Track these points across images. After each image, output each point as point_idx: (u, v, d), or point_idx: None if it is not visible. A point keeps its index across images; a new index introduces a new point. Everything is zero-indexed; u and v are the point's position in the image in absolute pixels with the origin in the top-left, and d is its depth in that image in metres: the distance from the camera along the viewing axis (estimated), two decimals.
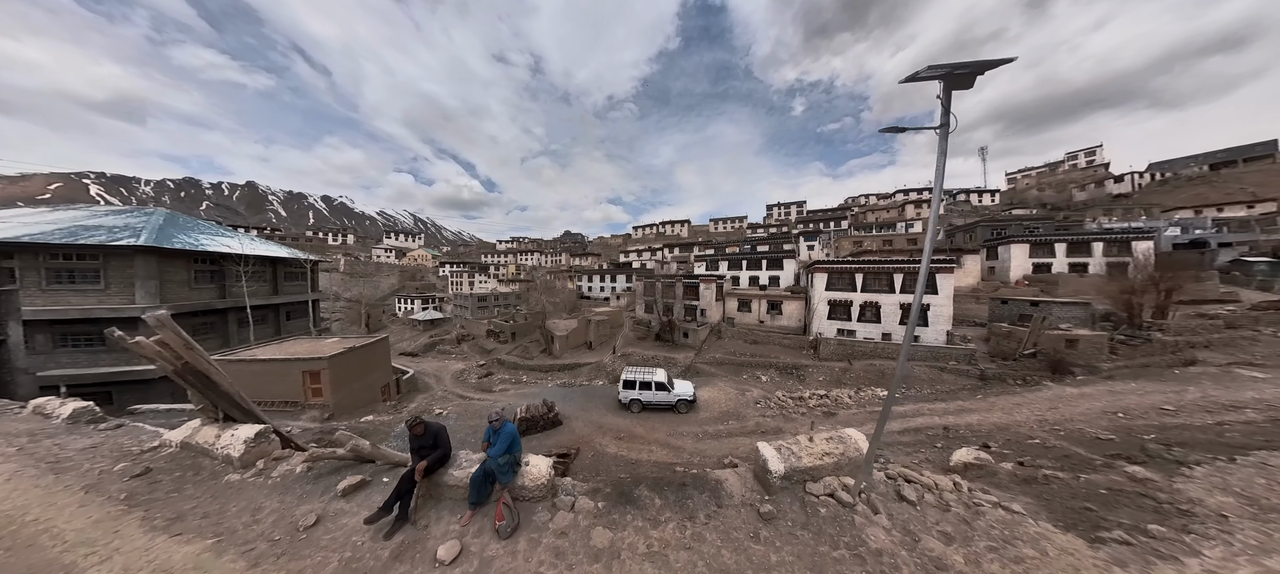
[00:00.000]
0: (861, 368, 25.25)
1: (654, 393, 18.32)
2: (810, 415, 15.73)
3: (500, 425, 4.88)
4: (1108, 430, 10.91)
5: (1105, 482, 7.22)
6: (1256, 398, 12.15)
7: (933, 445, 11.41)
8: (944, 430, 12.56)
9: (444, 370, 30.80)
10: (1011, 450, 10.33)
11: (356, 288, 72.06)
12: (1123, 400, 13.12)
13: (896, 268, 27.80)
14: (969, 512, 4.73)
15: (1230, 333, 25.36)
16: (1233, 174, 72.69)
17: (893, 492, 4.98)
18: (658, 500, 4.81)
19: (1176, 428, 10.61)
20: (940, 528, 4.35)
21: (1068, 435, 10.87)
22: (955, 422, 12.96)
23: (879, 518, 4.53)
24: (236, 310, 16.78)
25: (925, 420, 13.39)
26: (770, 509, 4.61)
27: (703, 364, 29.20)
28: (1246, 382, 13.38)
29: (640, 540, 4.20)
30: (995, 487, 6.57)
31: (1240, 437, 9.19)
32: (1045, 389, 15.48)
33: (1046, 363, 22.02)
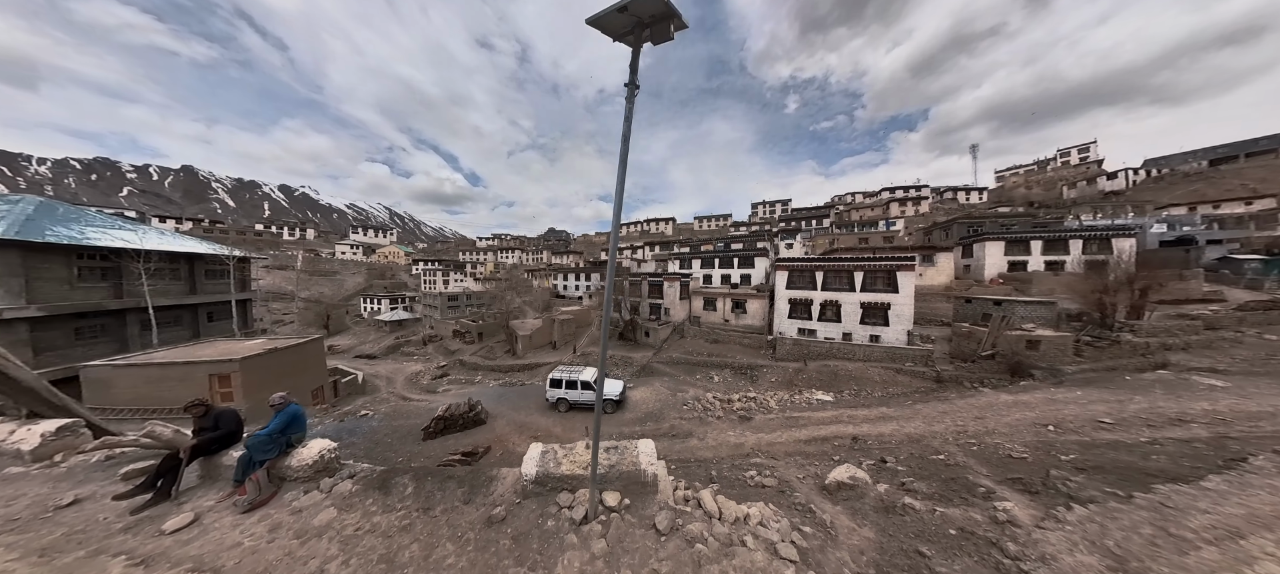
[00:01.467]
0: (815, 369, 23.61)
1: (579, 392, 17.69)
2: (727, 419, 14.22)
3: (281, 407, 5.04)
4: (1025, 447, 9.29)
5: (964, 518, 5.75)
6: (1208, 410, 10.40)
7: (830, 458, 9.86)
8: (852, 441, 10.99)
9: (400, 373, 29.65)
10: (907, 466, 8.82)
11: (317, 287, 66.85)
12: (1061, 410, 11.43)
13: (856, 266, 26.07)
14: (719, 550, 3.83)
15: (1210, 334, 23.25)
16: (1233, 170, 68.92)
17: (653, 515, 4.36)
18: (411, 488, 4.79)
19: (1104, 446, 8.96)
20: (657, 564, 3.66)
21: (978, 452, 9.31)
22: (869, 431, 11.39)
23: (598, 542, 3.91)
24: (138, 311, 15.47)
25: (839, 429, 11.84)
26: (501, 512, 4.35)
27: (659, 363, 27.74)
28: (1202, 391, 11.60)
29: (360, 522, 4.19)
30: (853, 513, 5.79)
31: (1165, 461, 7.57)
32: (979, 396, 13.80)
33: (1005, 365, 20.17)
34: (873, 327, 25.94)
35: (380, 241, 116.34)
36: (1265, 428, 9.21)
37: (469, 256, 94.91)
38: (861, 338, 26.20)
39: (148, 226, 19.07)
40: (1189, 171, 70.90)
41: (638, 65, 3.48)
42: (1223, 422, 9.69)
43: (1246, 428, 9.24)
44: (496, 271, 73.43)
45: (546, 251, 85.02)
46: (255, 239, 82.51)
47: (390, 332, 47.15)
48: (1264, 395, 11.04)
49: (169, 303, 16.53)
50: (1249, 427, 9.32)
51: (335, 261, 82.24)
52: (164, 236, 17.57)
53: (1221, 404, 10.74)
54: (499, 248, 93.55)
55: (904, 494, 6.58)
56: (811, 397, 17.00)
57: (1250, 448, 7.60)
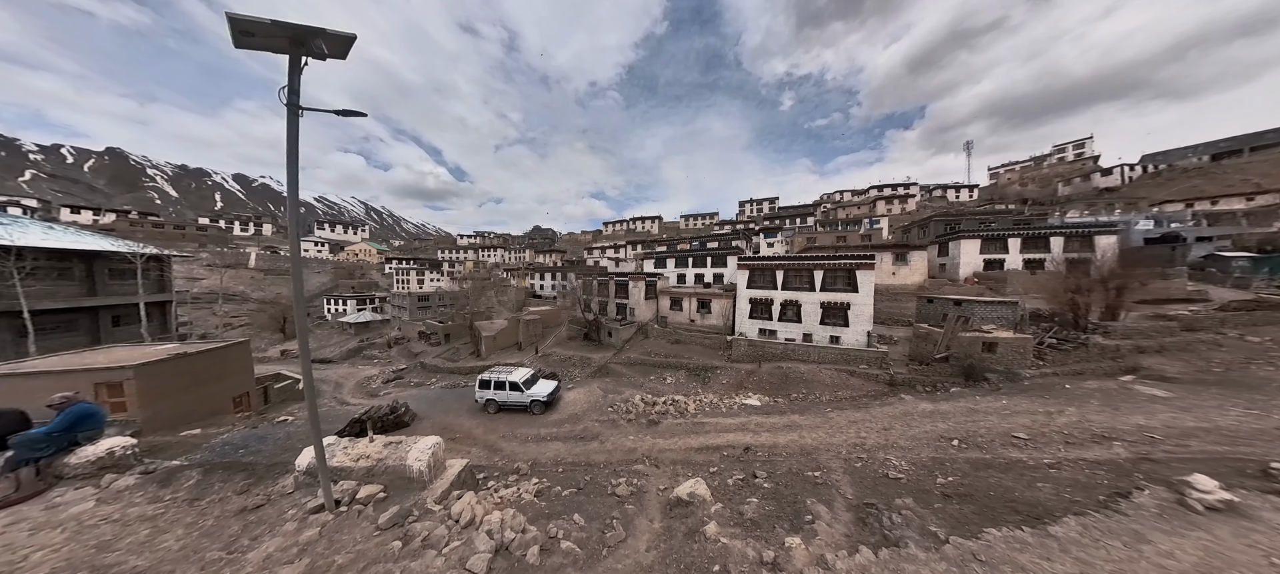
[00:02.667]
0: (768, 371, 22.41)
1: (508, 393, 16.78)
2: (637, 424, 13.17)
3: (63, 407, 5.12)
4: (911, 466, 8.13)
5: (741, 554, 4.71)
6: (1140, 425, 9.13)
7: (707, 468, 8.82)
8: (744, 451, 9.91)
9: (352, 377, 28.82)
10: (775, 483, 7.78)
11: (275, 287, 60.37)
12: (978, 423, 10.18)
13: (816, 264, 24.75)
14: (412, 551, 3.86)
15: (1188, 336, 21.57)
16: (1237, 164, 65.72)
17: (392, 511, 4.49)
18: (193, 480, 4.90)
19: (998, 467, 7.79)
20: (345, 558, 3.70)
21: (861, 468, 8.29)
22: (767, 441, 10.28)
23: (310, 530, 4.07)
24: (12, 316, 13.95)
25: (738, 437, 10.76)
26: (260, 500, 4.56)
27: (617, 364, 26.70)
28: (1142, 402, 10.28)
29: (110, 513, 4.27)
30: (654, 536, 5.17)
31: (1048, 490, 6.43)
32: (899, 403, 12.55)
33: (959, 368, 18.78)
34: (833, 327, 24.64)
35: (350, 238, 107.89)
36: (1192, 447, 7.91)
37: (448, 255, 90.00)
38: (822, 338, 24.91)
39: (32, 221, 17.94)
40: (1188, 167, 67.85)
41: (298, 84, 3.23)
42: (1150, 440, 8.43)
43: (1173, 447, 7.97)
44: (476, 271, 71.07)
45: (529, 250, 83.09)
46: (199, 235, 73.29)
47: (355, 334, 44.92)
48: (1206, 407, 9.68)
49: (58, 306, 15.18)
50: (1175, 446, 8.04)
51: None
52: (51, 232, 16.18)
53: (1157, 418, 9.43)
54: (481, 246, 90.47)
55: (732, 520, 5.53)
56: (741, 401, 15.79)
57: (1156, 474, 6.39)
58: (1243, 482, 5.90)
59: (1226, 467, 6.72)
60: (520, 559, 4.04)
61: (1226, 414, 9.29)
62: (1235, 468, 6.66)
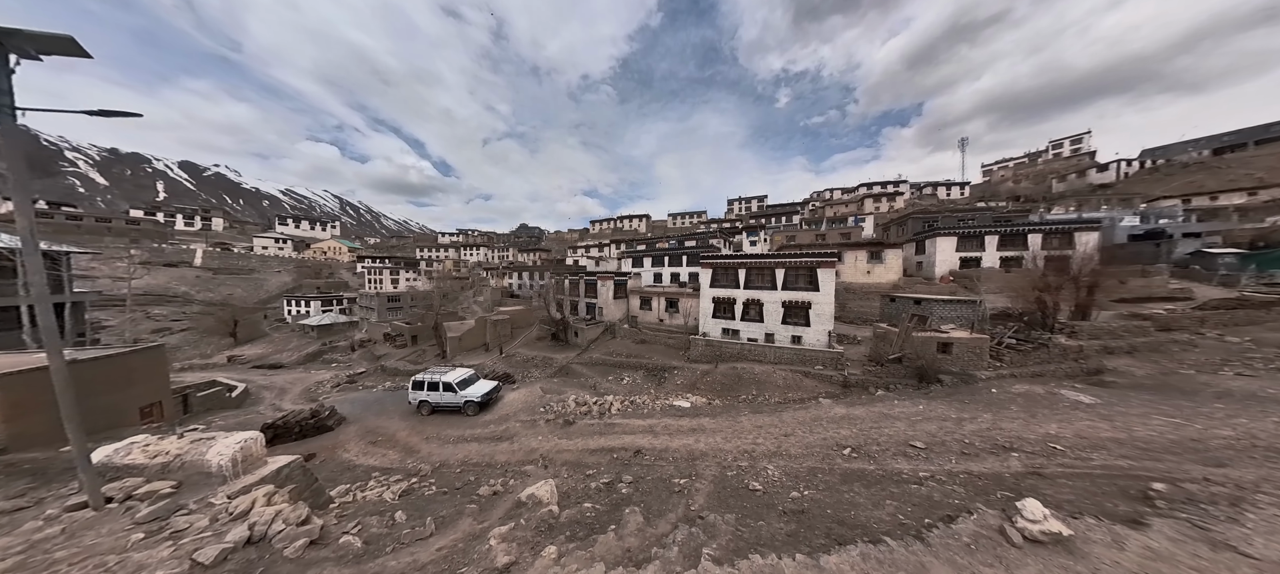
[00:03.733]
0: (724, 371, 21.70)
1: (441, 395, 16.41)
2: (554, 424, 12.64)
3: None
4: (779, 475, 7.56)
5: None
6: (1049, 435, 8.40)
7: (585, 470, 8.32)
8: (634, 454, 9.37)
9: (301, 383, 27.76)
10: (641, 490, 7.36)
11: (227, 287, 55.00)
12: (884, 429, 9.50)
13: (778, 263, 23.95)
14: (140, 542, 3.95)
15: (1162, 336, 20.43)
16: (1241, 158, 62.98)
17: (163, 503, 4.74)
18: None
19: (873, 479, 7.22)
20: (104, 539, 3.89)
21: (732, 478, 7.76)
22: (663, 445, 9.73)
23: (56, 527, 4.20)
24: None
25: (634, 440, 10.19)
26: (26, 502, 4.77)
27: (578, 364, 26.16)
28: (1064, 408, 9.46)
29: None
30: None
31: (887, 512, 5.77)
32: (816, 407, 11.78)
33: (912, 369, 17.90)
34: (794, 326, 23.83)
35: (318, 235, 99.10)
36: (1094, 460, 7.17)
37: (426, 253, 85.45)
38: (784, 338, 24.13)
39: None
40: (1188, 162, 65.34)
41: (8, 84, 3.21)
42: (1051, 451, 7.68)
43: (1073, 461, 7.25)
44: (455, 270, 69.56)
45: (513, 248, 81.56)
46: (130, 229, 64.20)
47: (317, 337, 42.11)
48: (1129, 415, 8.86)
49: None
50: (1076, 459, 7.31)
51: (254, 258, 68.46)
52: None
53: (1072, 428, 8.65)
54: (464, 244, 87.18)
55: (541, 526, 5.05)
56: (674, 402, 15.13)
57: (1015, 494, 5.70)
58: (1111, 505, 5.18)
59: (1112, 486, 5.98)
60: (278, 551, 4.09)
61: (1148, 423, 8.46)
62: (1121, 488, 5.92)
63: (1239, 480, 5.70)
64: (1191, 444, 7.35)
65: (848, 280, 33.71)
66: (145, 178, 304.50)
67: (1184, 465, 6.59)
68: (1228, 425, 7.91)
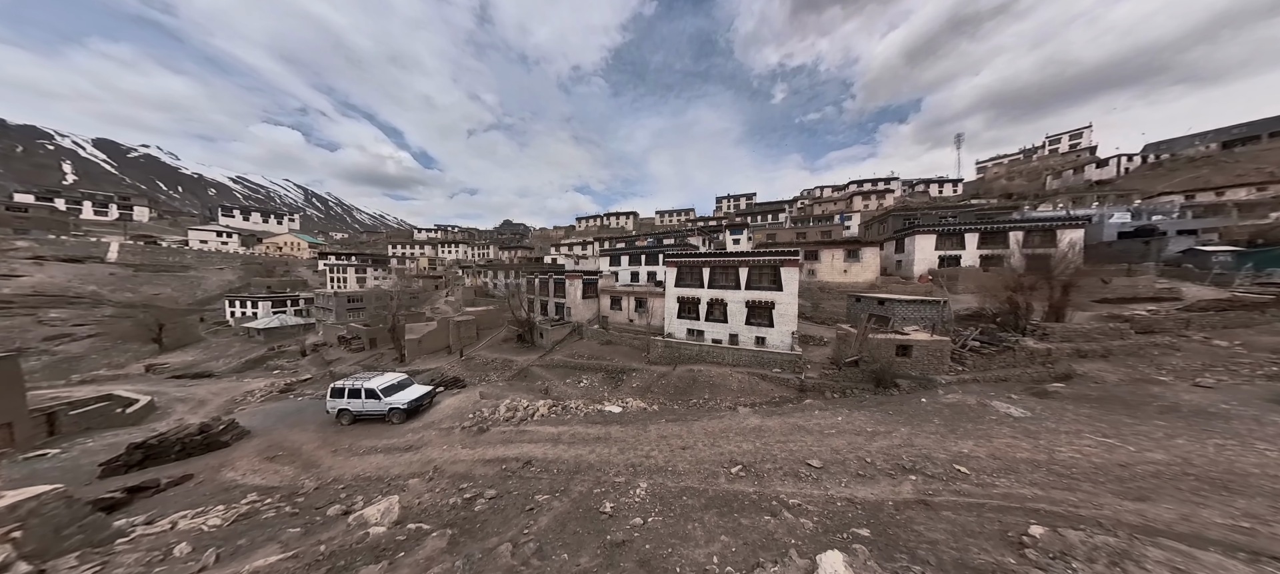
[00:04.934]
0: (680, 374, 20.73)
1: (364, 402, 15.43)
2: (468, 432, 11.76)
3: None
4: (645, 500, 6.64)
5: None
6: (956, 455, 7.43)
7: (459, 484, 7.46)
8: (524, 465, 8.57)
9: (229, 392, 25.62)
10: (491, 505, 6.56)
11: (154, 286, 48.42)
12: (793, 442, 8.64)
13: (742, 262, 22.87)
14: None
15: (1142, 339, 19.03)
16: (1251, 152, 60.24)
17: None
18: None
19: (743, 507, 6.30)
20: None
21: (588, 499, 6.95)
22: (559, 454, 8.94)
23: None
24: None
25: (535, 449, 9.35)
26: None
27: (538, 367, 25.29)
28: (990, 422, 8.40)
29: None
30: None
31: (704, 554, 4.74)
32: (725, 417, 10.75)
33: (869, 373, 16.75)
34: (758, 327, 22.79)
35: (272, 228, 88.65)
36: (996, 488, 6.21)
37: (400, 250, 79.12)
38: (748, 339, 23.10)
39: None
40: (1195, 156, 62.74)
41: None
42: (955, 475, 6.73)
43: (970, 487, 6.31)
44: (431, 268, 67.01)
45: (494, 246, 78.86)
46: (14, 217, 53.40)
47: (264, 341, 38.48)
48: (1058, 434, 7.81)
49: None
50: (975, 486, 6.39)
51: (189, 253, 59.77)
52: None
53: (990, 446, 7.62)
54: (442, 241, 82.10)
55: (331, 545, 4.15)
56: (606, 407, 14.13)
57: (898, 521, 4.74)
58: (974, 553, 4.17)
59: (996, 525, 5.03)
60: None
61: (1076, 443, 7.38)
62: (1003, 529, 5.00)
63: (1145, 523, 4.63)
64: (1117, 470, 6.27)
65: (825, 279, 32.54)
66: (46, 157, 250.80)
67: (1098, 498, 5.54)
68: (1163, 447, 6.79)
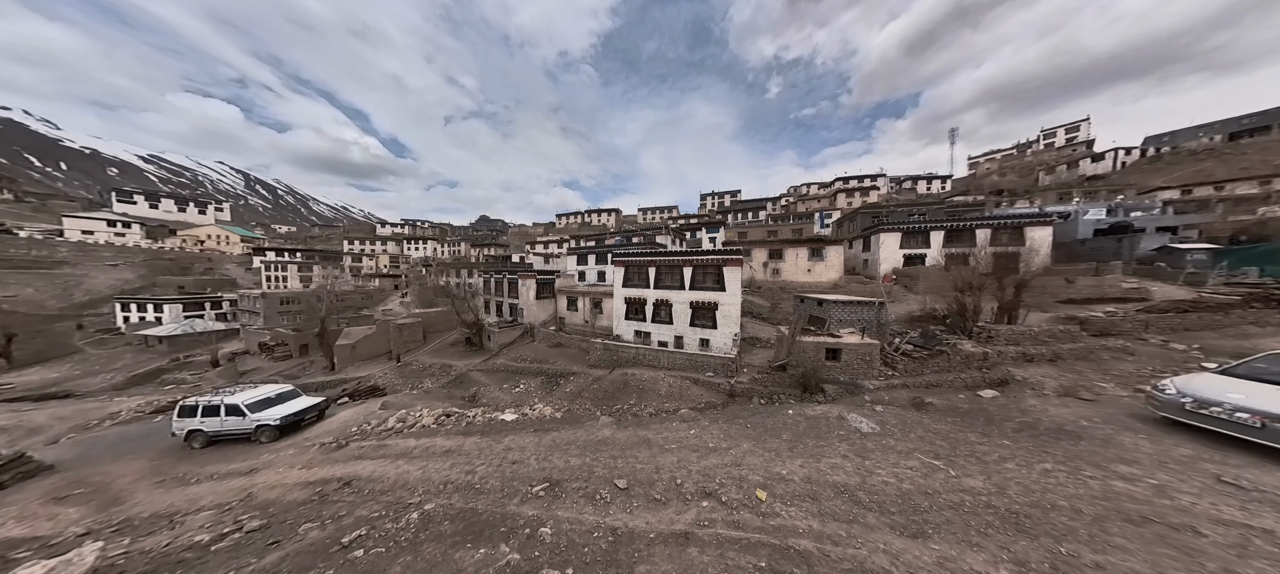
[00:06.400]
0: (613, 378, 20.24)
1: (223, 420, 13.74)
2: (326, 449, 11.28)
3: None
4: (398, 528, 6.18)
5: None
6: (771, 478, 7.02)
7: (246, 509, 7.02)
8: (344, 485, 8.14)
9: (82, 416, 21.44)
10: (262, 531, 5.92)
11: (9, 286, 41.96)
12: (623, 458, 8.09)
13: (686, 261, 22.29)
14: None
15: (1095, 342, 18.15)
16: (1259, 143, 58.38)
17: None
18: None
19: (501, 533, 5.78)
20: None
21: (334, 521, 6.43)
22: (391, 472, 8.66)
23: None
24: None
25: (352, 469, 8.97)
26: None
27: (477, 371, 24.82)
28: (835, 438, 7.99)
29: None
30: None
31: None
32: (590, 427, 10.13)
33: (794, 378, 16.12)
34: (702, 329, 22.26)
35: (192, 218, 76.58)
36: (775, 519, 5.68)
37: (358, 246, 72.98)
38: (692, 341, 22.60)
39: None
40: (1197, 149, 60.98)
41: None
42: (746, 504, 6.20)
43: (744, 520, 5.72)
44: (394, 265, 64.24)
45: (465, 243, 75.45)
46: None
47: (166, 351, 33.60)
48: (888, 453, 7.35)
49: None
50: (757, 517, 5.78)
51: (64, 245, 51.23)
52: None
53: (813, 467, 7.34)
54: (409, 237, 77.14)
55: None
56: (501, 416, 13.61)
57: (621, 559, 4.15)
58: None
59: (725, 562, 4.36)
60: None
61: (899, 467, 7.10)
62: (724, 570, 4.33)
63: (887, 567, 4.05)
64: (920, 499, 5.73)
65: (788, 278, 31.85)
66: None
67: (872, 535, 5.06)
68: (988, 472, 6.20)
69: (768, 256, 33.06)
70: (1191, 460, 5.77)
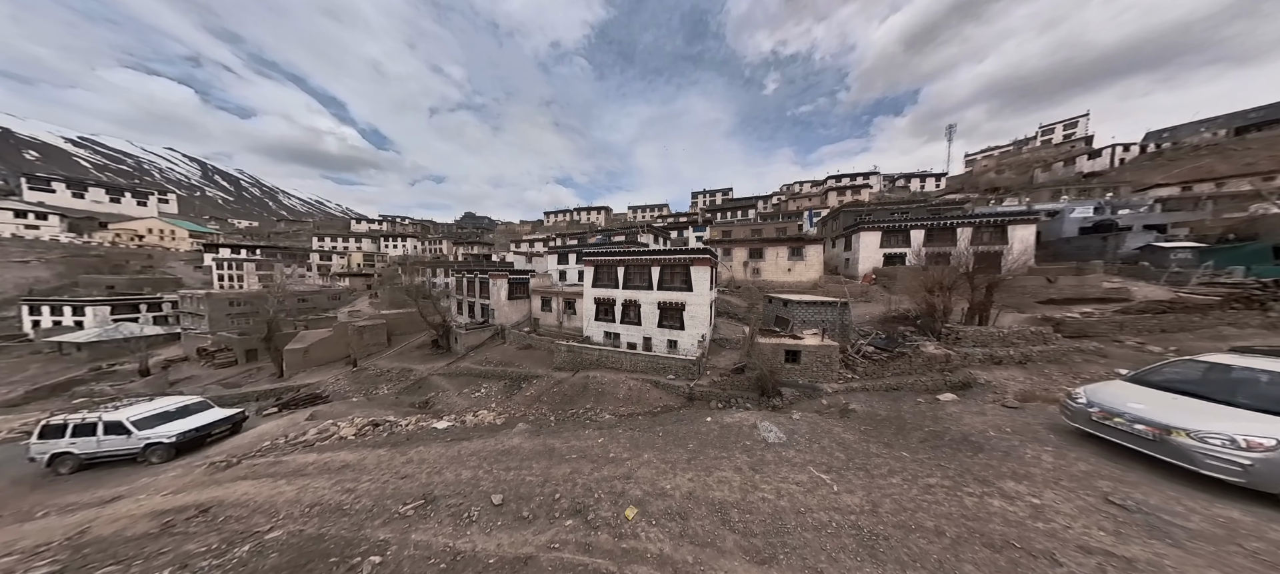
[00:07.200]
0: (575, 381, 19.88)
1: (102, 440, 12.33)
2: (216, 467, 10.65)
3: None
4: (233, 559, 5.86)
5: None
6: (660, 491, 6.97)
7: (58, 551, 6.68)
8: (201, 513, 7.70)
9: None
10: None
11: None
12: (520, 470, 7.72)
13: (654, 261, 22.03)
14: None
15: (1068, 345, 17.77)
16: (1265, 138, 57.67)
17: None
18: None
19: (360, 553, 5.46)
20: None
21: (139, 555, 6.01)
22: (258, 496, 8.15)
23: None
24: None
25: (217, 494, 8.50)
26: None
27: (438, 376, 24.52)
28: (737, 449, 7.78)
29: None
30: None
31: None
32: (504, 436, 9.81)
33: (752, 381, 15.81)
34: (670, 330, 22.01)
35: (129, 209, 69.68)
36: (640, 546, 5.34)
37: (329, 243, 68.56)
38: (661, 343, 22.35)
39: None
40: (1199, 144, 60.26)
41: None
42: (607, 525, 5.87)
43: (598, 544, 5.43)
44: (369, 264, 61.78)
45: (447, 241, 74.46)
46: None
47: (86, 359, 30.87)
48: (781, 466, 7.01)
49: None
50: (605, 542, 5.45)
51: None
52: None
53: (704, 481, 6.99)
54: (387, 233, 73.76)
55: None
56: (435, 425, 13.30)
57: None
58: None
59: None
60: None
61: (790, 480, 6.80)
62: None
63: None
64: (787, 520, 5.66)
65: (769, 278, 31.56)
66: None
67: (723, 561, 4.82)
68: (870, 488, 6.01)
69: (748, 256, 32.77)
70: (1087, 476, 5.48)
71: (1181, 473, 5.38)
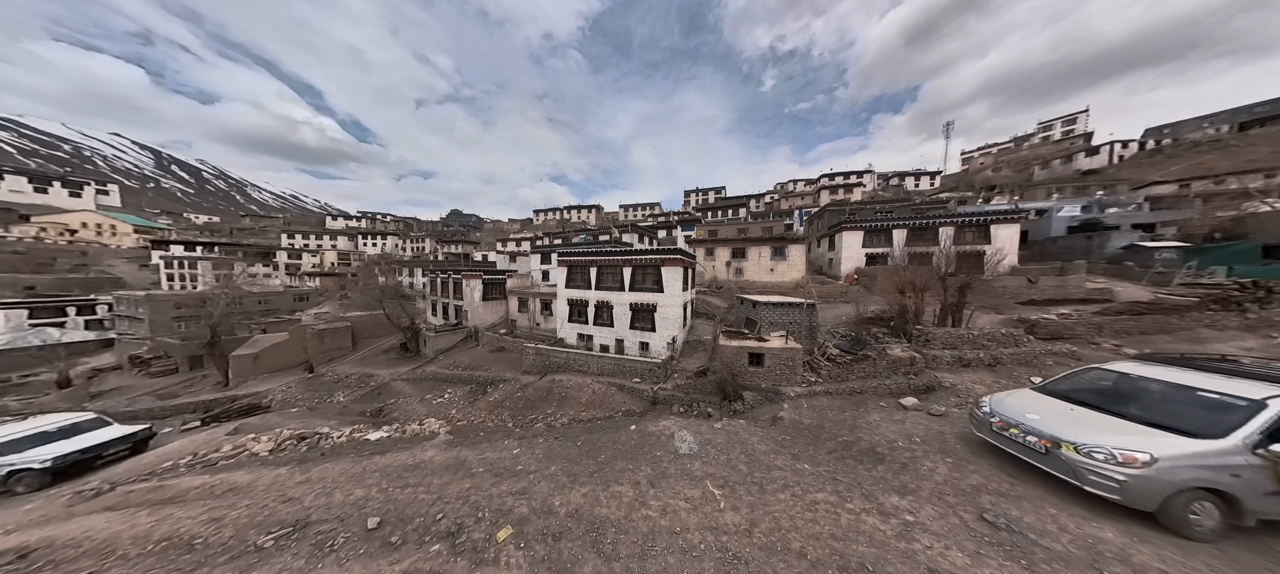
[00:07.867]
0: (540, 385, 19.83)
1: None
2: (80, 497, 9.91)
3: None
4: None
5: None
6: (549, 508, 6.73)
7: None
8: (20, 556, 6.99)
9: None
10: None
11: None
12: (409, 488, 7.69)
13: (626, 261, 21.92)
14: None
15: (1041, 347, 17.58)
16: (1269, 133, 57.13)
17: None
18: None
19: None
20: None
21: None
22: (101, 531, 7.13)
23: None
24: None
25: (73, 530, 7.61)
26: None
27: (402, 381, 24.39)
28: (644, 460, 7.71)
29: None
30: None
31: None
32: (419, 450, 9.66)
33: (715, 385, 15.70)
34: (642, 332, 21.92)
35: (59, 201, 64.81)
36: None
37: (299, 240, 65.06)
38: (633, 345, 22.27)
39: None
40: (1200, 140, 59.75)
41: None
42: (476, 548, 5.65)
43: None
44: (344, 263, 59.92)
45: (429, 239, 72.65)
46: None
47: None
48: (682, 480, 6.89)
49: None
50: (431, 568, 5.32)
51: None
52: None
53: (599, 495, 6.78)
54: (366, 231, 70.89)
55: None
56: (368, 436, 12.97)
57: None
58: None
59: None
60: None
61: (681, 496, 6.61)
62: None
63: None
64: (659, 540, 5.49)
65: (751, 278, 31.43)
66: None
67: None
68: (753, 505, 5.91)
69: (731, 255, 32.62)
70: (974, 491, 5.34)
71: (1071, 488, 5.27)
